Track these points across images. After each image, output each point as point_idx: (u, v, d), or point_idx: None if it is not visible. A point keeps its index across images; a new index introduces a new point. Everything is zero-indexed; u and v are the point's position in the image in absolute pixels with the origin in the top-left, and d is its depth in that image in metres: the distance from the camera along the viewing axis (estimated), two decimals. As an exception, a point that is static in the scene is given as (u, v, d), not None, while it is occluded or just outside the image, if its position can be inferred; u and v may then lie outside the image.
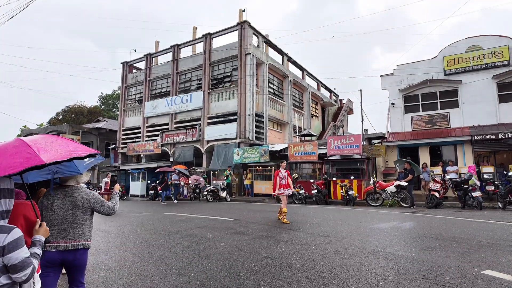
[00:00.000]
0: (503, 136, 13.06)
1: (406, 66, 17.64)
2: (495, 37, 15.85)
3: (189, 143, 22.59)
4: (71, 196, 2.66)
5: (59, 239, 2.55)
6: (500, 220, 7.44)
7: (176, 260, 4.65)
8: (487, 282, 3.29)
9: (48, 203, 2.60)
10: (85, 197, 2.72)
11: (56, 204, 2.60)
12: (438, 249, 4.74)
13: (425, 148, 15.50)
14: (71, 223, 2.61)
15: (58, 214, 2.58)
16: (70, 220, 2.61)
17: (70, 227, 2.60)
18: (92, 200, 2.75)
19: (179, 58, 25.04)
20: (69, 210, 2.62)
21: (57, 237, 2.55)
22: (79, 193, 2.71)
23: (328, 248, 5.00)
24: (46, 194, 2.63)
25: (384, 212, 9.81)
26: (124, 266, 4.52)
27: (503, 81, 15.27)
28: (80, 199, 2.68)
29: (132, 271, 4.25)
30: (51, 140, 2.16)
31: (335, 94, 36.35)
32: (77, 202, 2.66)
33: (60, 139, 2.26)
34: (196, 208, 12.38)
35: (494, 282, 3.28)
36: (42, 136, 2.22)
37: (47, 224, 2.38)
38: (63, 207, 2.61)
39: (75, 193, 2.69)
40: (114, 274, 4.19)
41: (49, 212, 2.58)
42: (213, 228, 7.28)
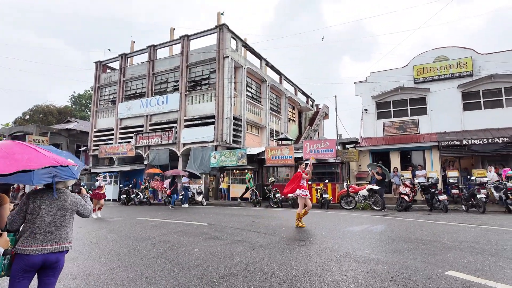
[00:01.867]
0: (467, 143, 13.84)
1: (379, 73, 18.31)
2: (461, 49, 16.82)
3: (164, 146, 22.15)
4: (60, 199, 2.70)
5: (44, 243, 2.55)
6: (463, 223, 7.86)
7: (147, 267, 4.52)
8: (450, 283, 3.45)
9: (35, 206, 2.60)
10: (73, 200, 2.78)
11: (44, 207, 2.61)
12: (406, 251, 4.92)
13: (396, 153, 16.12)
14: (58, 226, 2.64)
15: (45, 217, 2.59)
16: (58, 223, 2.64)
17: (57, 230, 2.63)
18: (79, 203, 2.83)
19: (155, 59, 24.57)
20: (58, 213, 2.65)
21: (42, 241, 2.55)
22: (68, 196, 2.77)
23: (302, 252, 5.05)
24: (33, 198, 2.64)
25: (356, 215, 10.07)
26: (92, 274, 4.33)
27: (467, 90, 16.21)
28: (70, 202, 2.74)
29: (100, 280, 4.08)
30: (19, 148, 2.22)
31: (311, 99, 37.04)
32: (66, 205, 2.71)
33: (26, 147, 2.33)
34: (171, 213, 12.13)
35: (456, 283, 3.45)
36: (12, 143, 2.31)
37: (33, 227, 2.53)
38: (51, 210, 2.63)
39: (63, 196, 2.74)
40: (80, 283, 4.00)
41: (36, 215, 2.58)
42: (187, 233, 7.16)
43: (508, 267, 3.95)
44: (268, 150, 17.76)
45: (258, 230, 7.22)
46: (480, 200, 10.16)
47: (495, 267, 3.94)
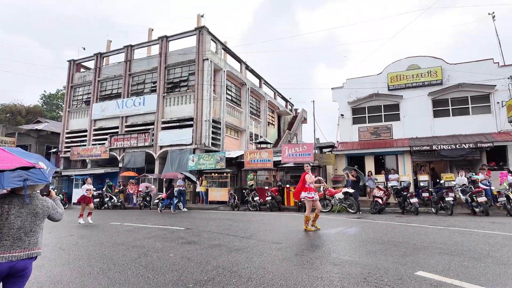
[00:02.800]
0: (437, 148, 14.51)
1: (355, 80, 18.85)
2: (431, 58, 17.67)
3: (140, 148, 21.63)
4: (31, 204, 2.58)
5: (12, 249, 2.43)
6: (433, 224, 8.21)
7: (121, 274, 4.38)
8: (419, 283, 3.59)
9: (3, 211, 2.47)
10: (45, 205, 2.67)
11: (13, 212, 2.48)
12: (379, 253, 5.07)
13: (371, 157, 16.63)
14: (28, 232, 2.52)
15: (14, 223, 2.47)
16: (28, 228, 2.52)
17: (27, 236, 2.51)
18: (51, 207, 2.72)
19: (132, 59, 24.03)
20: (28, 218, 2.53)
21: (10, 248, 2.42)
22: (39, 201, 2.65)
23: (279, 255, 5.08)
24: (0, 203, 2.51)
25: (332, 218, 10.27)
26: (60, 282, 4.14)
27: (437, 98, 17.03)
28: (41, 207, 2.63)
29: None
30: None
31: (290, 104, 37.53)
32: (37, 210, 2.59)
33: None
34: (146, 217, 11.84)
35: (425, 282, 3.60)
36: None
37: (1, 234, 2.41)
38: (20, 215, 2.51)
39: (34, 201, 2.62)
40: (47, 292, 3.81)
41: (3, 221, 2.45)
42: (163, 238, 7.01)
43: (472, 266, 4.17)
44: (247, 154, 17.78)
45: (235, 234, 7.19)
46: (448, 203, 10.66)
47: (460, 267, 4.15)
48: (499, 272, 3.89)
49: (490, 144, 13.88)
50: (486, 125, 15.74)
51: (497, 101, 15.75)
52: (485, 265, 4.19)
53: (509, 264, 4.22)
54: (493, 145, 13.94)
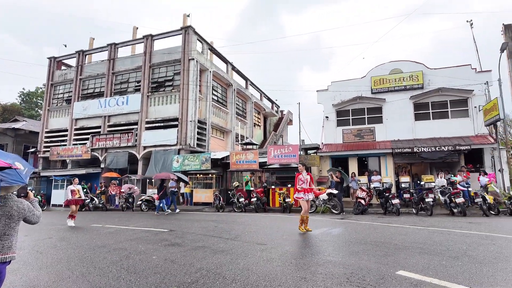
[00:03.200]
0: (418, 150, 14.91)
1: (339, 83, 19.15)
2: (413, 63, 18.16)
3: (123, 148, 21.22)
4: (5, 205, 2.49)
5: None
6: (413, 225, 8.42)
7: (101, 277, 4.27)
8: (400, 282, 3.67)
9: None
10: (20, 207, 2.57)
11: None
12: (362, 253, 5.16)
13: (354, 159, 16.91)
14: (2, 235, 2.44)
15: None
16: (2, 231, 2.44)
17: (1, 239, 2.43)
18: (27, 209, 2.62)
19: (116, 58, 23.55)
20: (2, 220, 2.44)
21: None
22: (14, 203, 2.54)
23: (263, 256, 5.08)
24: None
25: (316, 219, 10.37)
26: (37, 286, 3.99)
27: (418, 101, 17.51)
28: (16, 209, 2.53)
29: (47, 293, 3.77)
30: None
31: (276, 105, 37.73)
32: (12, 212, 2.50)
33: None
34: (128, 219, 11.60)
35: (405, 282, 3.68)
36: None
37: None
38: None
39: (9, 202, 2.52)
40: (23, 297, 3.67)
41: None
42: (146, 240, 6.89)
43: (450, 265, 4.30)
44: (233, 155, 17.73)
45: (220, 236, 7.14)
46: (428, 203, 10.97)
47: (439, 266, 4.27)
48: (475, 271, 4.03)
49: (467, 146, 14.40)
50: (464, 128, 16.31)
51: (474, 105, 16.35)
52: (462, 264, 4.33)
53: (485, 263, 4.37)
54: (470, 147, 14.46)
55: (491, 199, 10.93)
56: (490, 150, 14.86)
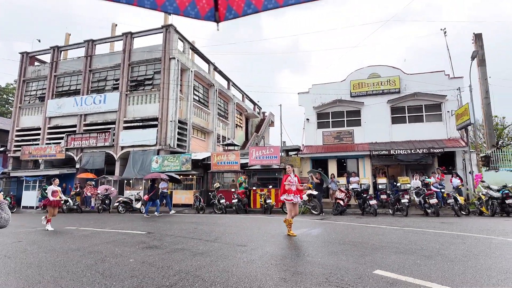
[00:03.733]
0: (394, 153, 15.38)
1: (320, 86, 19.46)
2: (390, 68, 18.74)
3: (100, 148, 20.58)
4: None
5: None
6: (389, 225, 8.67)
7: (75, 282, 4.10)
8: (377, 281, 3.76)
9: None
10: None
11: None
12: (340, 253, 5.25)
13: (333, 161, 17.23)
14: None
15: None
16: None
17: None
18: None
19: (93, 55, 22.83)
20: None
21: None
22: None
23: (243, 258, 5.06)
24: None
25: (296, 219, 10.43)
26: (3, 294, 3.78)
27: (395, 105, 18.08)
28: None
29: (14, 299, 3.58)
30: None
31: (258, 107, 37.81)
32: None
33: None
34: (105, 221, 11.26)
35: (382, 281, 3.77)
36: None
37: None
38: None
39: None
40: (-12, 305, 3.46)
41: None
42: (123, 243, 6.69)
43: (424, 264, 4.45)
44: (214, 156, 17.60)
45: (200, 237, 7.06)
46: (404, 204, 11.32)
47: (414, 265, 4.41)
48: (447, 269, 4.19)
49: (441, 149, 15.00)
50: (438, 132, 17.00)
51: (447, 110, 17.07)
52: (435, 262, 4.49)
53: (456, 261, 4.56)
54: (443, 150, 15.08)
55: (462, 200, 11.43)
56: (461, 153, 15.56)
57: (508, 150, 18.10)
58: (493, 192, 10.77)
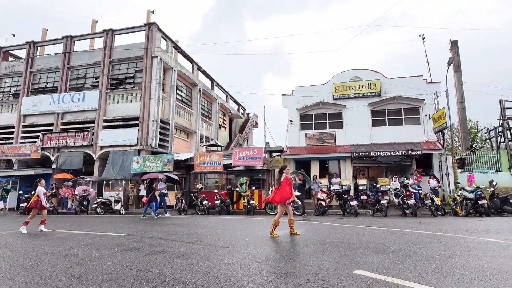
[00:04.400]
0: (374, 154, 15.74)
1: (303, 88, 19.68)
2: (371, 72, 19.19)
3: (78, 148, 19.95)
4: None
5: None
6: (369, 225, 8.84)
7: (48, 287, 3.93)
8: (357, 281, 3.82)
9: None
10: None
11: None
12: (321, 253, 5.30)
13: (316, 162, 17.44)
14: None
15: None
16: None
17: None
18: None
19: (72, 52, 22.13)
20: None
21: None
22: None
23: (225, 259, 5.02)
24: None
25: (279, 220, 10.47)
26: (-30, 301, 3.57)
27: (375, 108, 18.52)
28: None
29: (-18, 307, 3.39)
30: None
31: (242, 108, 37.77)
32: None
33: None
34: (82, 223, 10.90)
35: (361, 280, 3.83)
36: None
37: None
38: None
39: None
40: (-48, 313, 3.26)
41: None
42: (101, 245, 6.49)
43: (402, 263, 4.56)
44: (197, 156, 17.42)
45: (181, 239, 6.95)
46: (383, 205, 11.59)
47: (392, 264, 4.51)
48: (424, 268, 4.31)
49: (419, 152, 15.48)
50: (416, 134, 17.54)
51: (425, 113, 17.65)
52: (413, 262, 4.62)
53: (432, 260, 4.70)
54: (421, 153, 15.57)
55: (438, 201, 11.83)
56: (438, 155, 16.12)
57: (482, 153, 18.94)
58: (467, 193, 11.21)
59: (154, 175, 14.42)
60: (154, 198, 13.17)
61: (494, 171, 16.61)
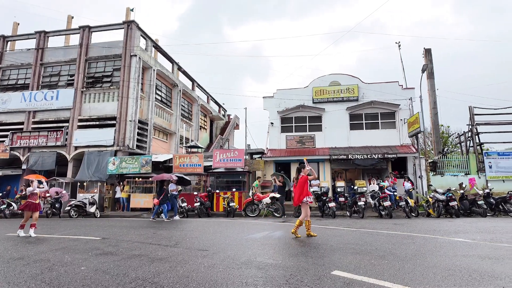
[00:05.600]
0: (352, 157, 16.12)
1: (284, 91, 19.88)
2: (349, 77, 19.66)
3: (51, 148, 19.14)
4: None
5: None
6: (347, 227, 9.03)
7: (15, 294, 3.73)
8: (334, 281, 3.88)
9: None
10: None
11: None
12: (300, 255, 5.35)
13: (296, 164, 17.59)
14: None
15: None
16: None
17: None
18: None
19: (46, 48, 21.23)
20: None
21: None
22: None
23: (204, 263, 4.97)
24: None
25: (259, 222, 10.52)
26: None
27: (353, 112, 18.98)
28: None
29: None
30: None
31: (223, 109, 37.60)
32: None
33: None
34: (54, 227, 10.45)
35: (339, 281, 3.90)
36: None
37: None
38: None
39: None
40: None
41: None
42: (74, 249, 6.24)
43: (378, 263, 4.69)
44: (176, 158, 17.15)
45: (159, 243, 6.81)
46: (360, 207, 11.88)
47: (369, 265, 4.62)
48: (398, 267, 4.45)
49: (394, 155, 16.01)
50: (392, 138, 18.13)
51: (400, 118, 18.29)
52: (388, 262, 4.76)
53: (406, 260, 4.86)
54: (396, 156, 16.11)
55: (412, 202, 12.27)
56: (412, 158, 16.73)
57: (452, 157, 19.83)
58: (439, 195, 11.70)
59: (168, 176, 13.87)
60: (166, 200, 12.69)
61: (464, 174, 17.44)
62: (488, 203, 11.70)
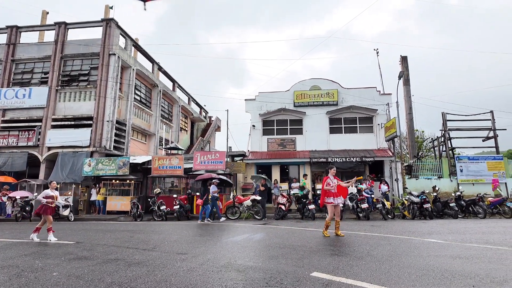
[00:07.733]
0: (331, 160, 16.40)
1: (266, 94, 20.00)
2: (330, 82, 20.05)
3: (22, 148, 18.29)
4: None
5: None
6: (326, 228, 9.15)
7: (-20, 303, 3.52)
8: (313, 283, 3.92)
9: None
10: None
11: None
12: (280, 257, 5.38)
13: (277, 167, 17.74)
14: None
15: None
16: None
17: None
18: None
19: (17, 43, 20.29)
20: None
21: None
22: None
23: (183, 266, 4.88)
24: None
25: (240, 225, 10.48)
26: None
27: (333, 116, 19.36)
28: None
29: None
30: None
31: (205, 111, 37.29)
32: None
33: None
34: (24, 231, 9.96)
35: (318, 282, 3.95)
36: None
37: None
38: None
39: None
40: None
41: None
42: (45, 254, 5.97)
43: (356, 265, 4.78)
44: (155, 159, 16.81)
45: (136, 247, 6.63)
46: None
47: (347, 266, 4.71)
48: (375, 268, 4.56)
49: (371, 158, 16.44)
50: (369, 142, 18.63)
51: (378, 123, 18.84)
52: (365, 263, 4.86)
53: (383, 261, 4.99)
54: (374, 159, 16.55)
55: (388, 204, 12.63)
56: (389, 162, 17.25)
57: (426, 161, 20.61)
58: (413, 198, 12.11)
59: (208, 175, 13.25)
60: (208, 201, 12.29)
61: (437, 177, 18.16)
62: (459, 205, 12.24)
